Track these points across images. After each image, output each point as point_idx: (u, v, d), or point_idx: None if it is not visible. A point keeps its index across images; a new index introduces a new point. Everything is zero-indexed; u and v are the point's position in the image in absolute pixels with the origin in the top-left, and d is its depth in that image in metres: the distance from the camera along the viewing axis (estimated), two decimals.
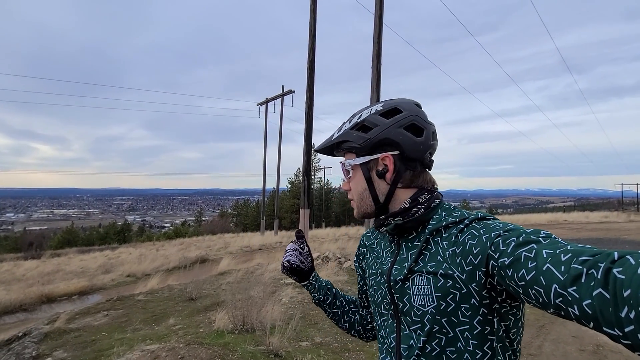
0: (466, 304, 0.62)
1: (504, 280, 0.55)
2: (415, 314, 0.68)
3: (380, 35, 7.99)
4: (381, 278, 0.78)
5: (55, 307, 7.89)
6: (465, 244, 0.62)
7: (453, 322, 0.64)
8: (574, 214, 22.08)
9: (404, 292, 0.70)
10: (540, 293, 0.48)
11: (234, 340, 3.35)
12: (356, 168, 0.79)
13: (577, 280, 0.43)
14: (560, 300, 0.45)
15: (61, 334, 4.62)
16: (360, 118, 0.79)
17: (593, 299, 0.41)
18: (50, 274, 13.17)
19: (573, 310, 0.44)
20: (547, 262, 0.47)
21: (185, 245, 20.72)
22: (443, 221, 0.69)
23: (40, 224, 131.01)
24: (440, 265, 0.66)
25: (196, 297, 6.20)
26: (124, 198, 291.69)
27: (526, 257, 0.51)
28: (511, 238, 0.55)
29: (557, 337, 3.68)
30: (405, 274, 0.70)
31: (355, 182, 0.80)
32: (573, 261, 0.45)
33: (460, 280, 0.62)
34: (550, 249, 0.49)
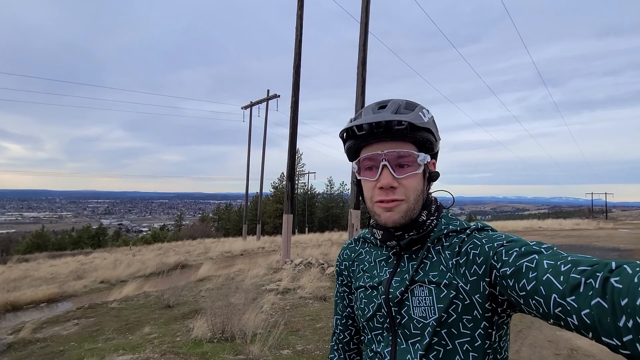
0: (469, 316, 0.61)
1: (506, 290, 0.55)
2: (415, 327, 0.65)
3: (365, 43, 8.09)
4: (374, 291, 0.72)
5: (21, 316, 7.44)
6: (468, 254, 0.62)
7: (453, 334, 0.62)
8: (548, 221, 22.99)
9: (402, 304, 0.67)
10: (541, 303, 0.48)
11: (212, 350, 3.24)
12: (420, 165, 0.68)
13: (575, 289, 0.43)
14: (560, 310, 0.45)
15: (26, 345, 4.35)
16: (430, 114, 0.71)
17: (591, 308, 0.41)
18: (16, 280, 12.45)
19: (572, 320, 0.43)
20: (548, 272, 0.48)
21: (163, 250, 20.11)
22: (444, 229, 0.68)
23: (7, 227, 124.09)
24: (443, 275, 0.64)
25: (174, 304, 5.99)
26: (100, 201, 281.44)
27: (527, 267, 0.51)
28: (514, 249, 0.55)
29: (534, 342, 3.76)
30: (407, 286, 0.67)
31: (417, 180, 0.68)
32: (572, 271, 0.46)
33: (464, 291, 0.61)
34: (551, 259, 0.49)
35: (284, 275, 7.34)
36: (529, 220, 24.08)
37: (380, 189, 0.67)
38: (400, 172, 0.66)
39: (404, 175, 0.66)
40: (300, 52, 9.43)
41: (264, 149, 21.96)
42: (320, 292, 5.86)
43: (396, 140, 0.66)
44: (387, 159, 0.66)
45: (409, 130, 0.65)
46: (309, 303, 5.42)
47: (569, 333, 3.95)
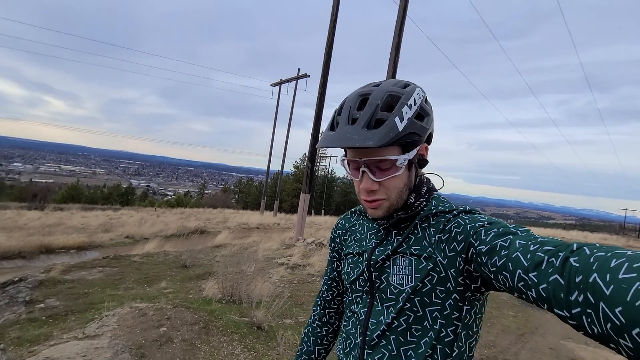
0: (442, 287, 0.66)
1: (480, 266, 0.59)
2: (392, 292, 0.70)
3: (402, 27, 7.82)
4: (360, 257, 0.79)
5: (53, 258, 8.11)
6: (451, 232, 0.66)
7: (425, 302, 0.67)
8: (573, 233, 21.96)
9: (383, 270, 0.73)
10: (507, 278, 0.52)
11: (220, 309, 3.45)
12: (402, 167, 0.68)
13: (538, 266, 0.48)
14: (522, 284, 0.49)
15: (55, 284, 4.77)
16: (416, 104, 0.68)
17: (549, 283, 0.45)
18: (51, 226, 13.47)
19: (531, 294, 0.48)
20: (518, 251, 0.52)
21: (185, 215, 21.00)
22: (433, 209, 0.72)
23: (46, 177, 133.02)
24: (424, 249, 0.69)
25: (190, 265, 6.34)
26: (131, 162, 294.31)
27: (501, 246, 0.55)
28: (493, 229, 0.59)
29: (535, 347, 3.74)
30: (388, 254, 0.72)
31: (398, 179, 0.69)
32: (538, 250, 0.50)
33: (441, 265, 0.66)
34: (524, 240, 0.53)
35: (295, 251, 7.55)
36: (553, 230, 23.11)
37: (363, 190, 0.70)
38: (381, 175, 0.68)
39: (383, 179, 0.68)
40: (334, 32, 9.26)
41: (289, 128, 22.05)
42: None
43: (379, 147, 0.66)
44: (366, 165, 0.68)
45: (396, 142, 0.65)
46: (316, 280, 5.58)
47: (572, 343, 3.89)
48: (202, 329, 2.81)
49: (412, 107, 0.67)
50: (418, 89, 0.71)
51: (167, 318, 2.88)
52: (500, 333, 4.09)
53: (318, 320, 0.97)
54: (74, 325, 3.23)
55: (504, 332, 4.12)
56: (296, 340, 2.92)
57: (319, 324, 0.97)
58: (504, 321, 4.52)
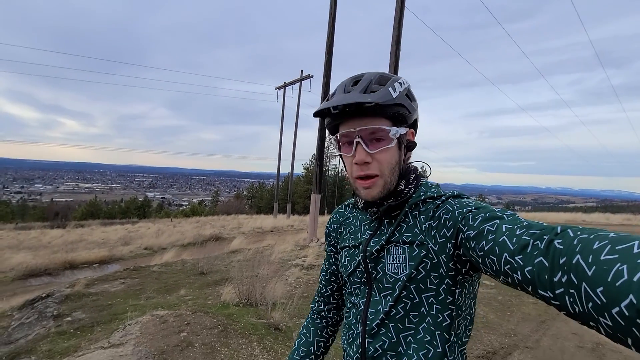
0: (435, 273, 0.68)
1: (468, 251, 0.60)
2: (388, 281, 0.73)
3: (401, 20, 7.78)
4: (356, 250, 0.81)
5: (76, 273, 8.39)
6: (440, 218, 0.67)
7: (420, 289, 0.69)
8: (594, 215, 21.28)
9: (379, 261, 0.75)
10: (494, 261, 0.53)
11: (238, 312, 3.52)
12: (393, 139, 0.71)
13: (523, 249, 0.49)
14: (508, 267, 0.50)
15: (80, 297, 4.95)
16: (404, 85, 0.73)
17: (534, 265, 0.46)
18: (73, 242, 13.93)
19: (517, 276, 0.49)
20: (504, 235, 0.53)
21: (200, 223, 21.36)
22: (422, 196, 0.74)
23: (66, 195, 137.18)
24: (416, 236, 0.71)
25: (207, 271, 6.47)
26: (145, 175, 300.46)
27: (488, 231, 0.56)
28: (480, 214, 0.61)
29: (557, 333, 3.68)
30: (382, 245, 0.74)
31: (390, 154, 0.71)
32: (524, 234, 0.50)
33: (433, 251, 0.68)
34: (510, 224, 0.54)
35: (310, 252, 7.60)
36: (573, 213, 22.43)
37: (356, 165, 0.72)
38: (374, 147, 0.71)
39: (377, 150, 0.70)
40: (333, 31, 9.28)
41: (296, 130, 22.16)
42: None
43: (369, 117, 0.70)
44: (360, 136, 0.70)
45: (379, 107, 0.68)
46: None
47: None
48: (221, 333, 2.88)
49: (402, 84, 0.73)
50: (401, 79, 0.75)
51: (187, 324, 2.96)
52: (521, 321, 4.03)
53: (317, 315, 0.97)
54: (100, 335, 3.36)
55: (524, 320, 4.06)
56: None
57: (317, 317, 0.97)
58: (524, 309, 4.46)
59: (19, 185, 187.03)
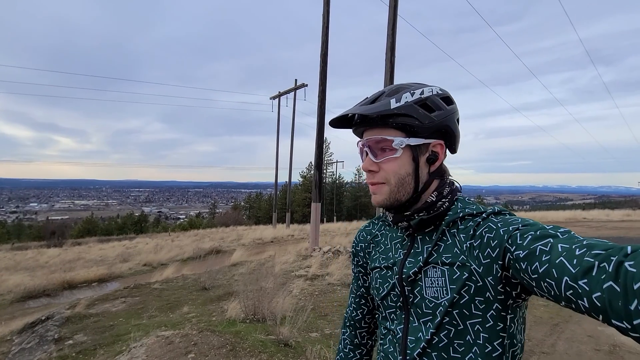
0: (481, 297, 0.62)
1: (519, 273, 0.54)
2: (427, 306, 0.67)
3: (394, 27, 7.85)
4: (388, 271, 0.75)
5: (76, 293, 8.22)
6: (483, 237, 0.62)
7: (465, 315, 0.63)
8: (593, 212, 21.33)
9: (416, 284, 0.69)
10: (552, 285, 0.48)
11: (245, 329, 3.42)
12: (406, 149, 0.70)
13: (588, 272, 0.43)
14: (571, 292, 0.45)
15: (81, 319, 4.82)
16: (423, 95, 0.70)
17: (603, 291, 0.41)
18: (71, 261, 13.71)
19: (583, 303, 0.44)
20: (561, 255, 0.47)
21: (199, 236, 21.16)
22: (460, 212, 0.68)
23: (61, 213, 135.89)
24: (456, 257, 0.65)
25: (209, 286, 6.35)
26: (141, 190, 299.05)
27: (541, 251, 0.51)
28: (529, 232, 0.55)
29: (572, 336, 3.61)
30: (420, 267, 0.69)
31: (399, 163, 0.70)
32: (586, 255, 0.45)
33: (477, 273, 0.62)
34: (566, 243, 0.49)
35: (313, 262, 7.51)
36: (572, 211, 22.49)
37: (365, 172, 0.74)
38: (380, 156, 0.71)
39: (381, 160, 0.71)
40: (327, 40, 9.34)
41: (292, 139, 22.17)
42: (348, 279, 5.94)
43: (377, 127, 0.71)
44: (367, 145, 0.72)
45: (381, 118, 0.69)
46: (337, 289, 5.52)
47: (611, 329, 3.75)
48: (230, 352, 2.79)
49: (415, 94, 0.70)
50: (433, 87, 0.73)
51: (193, 344, 2.87)
52: (533, 325, 3.96)
53: (350, 344, 0.91)
54: (103, 359, 3.25)
55: (537, 324, 3.99)
56: (325, 354, 2.87)
57: (351, 347, 0.91)
58: (535, 312, 4.39)
59: (14, 204, 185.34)
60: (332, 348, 3.03)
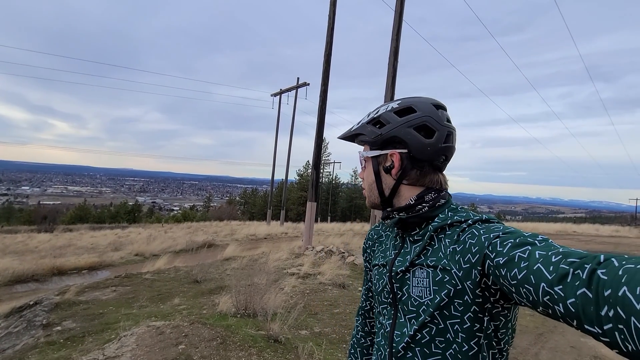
0: (459, 300, 0.65)
1: (498, 279, 0.57)
2: (412, 304, 0.72)
3: (399, 32, 7.90)
4: (384, 269, 0.81)
5: (65, 280, 8.17)
6: (465, 243, 0.65)
7: (445, 315, 0.67)
8: (584, 226, 21.60)
9: (404, 282, 0.74)
10: (530, 291, 0.50)
11: (236, 324, 3.45)
12: (368, 160, 0.84)
13: (563, 279, 0.46)
14: (548, 298, 0.47)
15: (71, 305, 4.81)
16: (377, 113, 0.82)
17: (577, 297, 0.43)
18: (62, 247, 13.59)
19: (559, 308, 0.46)
20: (539, 262, 0.50)
21: (192, 229, 21.08)
22: (448, 219, 0.72)
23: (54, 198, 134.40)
24: (440, 260, 0.69)
25: (201, 279, 6.36)
26: (136, 179, 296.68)
27: (520, 257, 0.53)
28: (509, 240, 0.58)
29: (555, 346, 3.68)
30: (407, 266, 0.74)
31: (367, 173, 0.85)
32: (562, 262, 0.48)
33: (457, 277, 0.65)
34: (543, 250, 0.52)
35: (306, 260, 7.54)
36: (563, 224, 22.74)
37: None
38: (362, 168, 0.89)
39: (362, 170, 0.89)
40: (331, 41, 9.37)
41: (291, 137, 22.17)
42: (340, 279, 5.98)
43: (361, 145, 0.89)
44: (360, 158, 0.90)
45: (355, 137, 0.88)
46: (328, 289, 5.56)
47: (593, 340, 3.83)
48: (220, 345, 2.81)
49: (371, 115, 0.84)
50: (392, 104, 0.82)
51: (184, 335, 2.89)
52: (519, 333, 4.04)
53: (361, 331, 1.00)
54: (91, 346, 3.25)
55: (522, 332, 4.07)
56: (315, 351, 2.91)
57: (362, 334, 1.00)
58: (521, 321, 4.46)
59: (5, 187, 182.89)
60: (322, 347, 3.07)
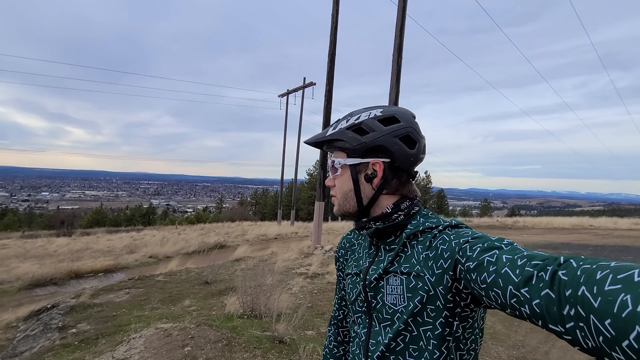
0: (432, 305, 0.66)
1: (469, 283, 0.59)
2: (387, 312, 0.72)
3: (402, 29, 7.82)
4: (357, 277, 0.81)
5: (82, 283, 8.41)
6: (437, 249, 0.66)
7: (418, 322, 0.68)
8: (601, 219, 20.89)
9: (378, 290, 0.74)
10: (499, 294, 0.52)
11: (242, 325, 3.50)
12: (345, 168, 0.79)
13: (528, 281, 0.48)
14: (515, 300, 0.49)
15: (85, 308, 4.96)
16: (358, 120, 0.78)
17: (541, 298, 0.45)
18: (79, 251, 14.00)
19: (525, 310, 0.48)
20: (506, 265, 0.52)
21: (205, 230, 21.39)
22: (420, 226, 0.73)
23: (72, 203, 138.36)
24: (413, 267, 0.69)
25: (211, 281, 6.46)
26: (150, 182, 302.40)
27: (488, 262, 0.55)
28: (478, 244, 0.59)
29: (566, 345, 3.60)
30: (380, 274, 0.74)
31: (342, 181, 0.80)
32: (526, 265, 0.50)
33: (430, 283, 0.66)
34: (510, 254, 0.53)
35: (314, 260, 7.57)
36: (579, 218, 22.05)
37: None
38: (332, 174, 0.84)
39: (333, 177, 0.84)
40: (335, 40, 9.34)
41: (299, 137, 22.22)
42: None
43: (334, 151, 0.84)
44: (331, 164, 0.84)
45: (318, 144, 0.85)
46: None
47: None
48: (225, 347, 2.86)
49: (350, 121, 0.80)
50: (374, 111, 0.79)
51: (191, 337, 2.95)
52: (529, 332, 3.97)
53: (334, 341, 0.99)
54: (104, 348, 3.35)
55: (533, 331, 3.99)
56: (318, 351, 2.92)
57: (335, 344, 0.99)
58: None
59: (26, 193, 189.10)
60: None
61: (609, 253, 9.38)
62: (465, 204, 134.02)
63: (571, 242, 11.49)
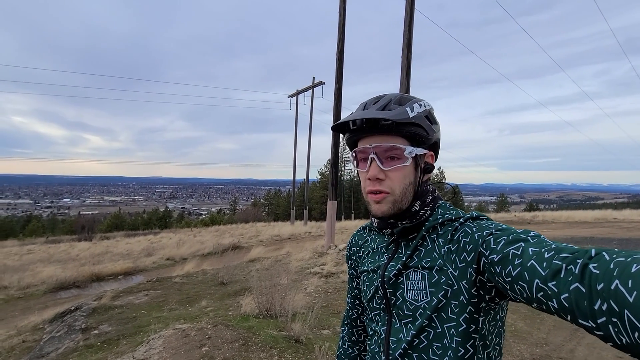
0: (455, 301, 0.64)
1: (493, 276, 0.57)
2: (408, 308, 0.70)
3: (411, 23, 7.72)
4: (374, 274, 0.78)
5: (103, 285, 8.64)
6: (459, 242, 0.64)
7: (442, 318, 0.65)
8: (625, 212, 20.08)
9: (398, 286, 0.72)
10: (525, 288, 0.50)
11: (258, 325, 3.52)
12: (407, 157, 0.71)
13: (556, 275, 0.46)
14: (542, 294, 0.47)
15: (107, 310, 5.08)
16: (424, 107, 0.72)
17: (570, 292, 0.43)
18: (100, 255, 14.41)
19: (552, 304, 0.46)
20: (532, 259, 0.50)
21: (220, 232, 21.67)
22: (439, 219, 0.71)
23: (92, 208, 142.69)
24: (435, 261, 0.67)
25: (227, 281, 6.52)
26: (166, 186, 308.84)
27: (514, 255, 0.53)
28: (502, 237, 0.57)
29: (593, 342, 3.47)
30: (400, 269, 0.72)
31: (404, 173, 0.71)
32: (554, 258, 0.47)
33: (453, 277, 0.64)
34: (536, 247, 0.51)
35: (328, 259, 7.55)
36: (602, 210, 21.26)
37: (369, 180, 0.72)
38: (388, 164, 0.71)
39: (390, 168, 0.70)
40: (343, 38, 9.30)
41: (310, 136, 22.24)
42: None
43: (385, 135, 0.70)
44: (375, 152, 0.71)
45: (395, 125, 0.68)
46: None
47: None
48: (242, 346, 2.88)
49: (422, 106, 0.72)
50: (424, 102, 0.75)
51: (208, 337, 2.98)
52: (552, 329, 3.84)
53: (348, 341, 0.96)
54: (125, 349, 3.43)
55: (557, 328, 3.87)
56: (334, 350, 2.91)
57: (349, 344, 0.96)
58: (556, 316, 4.25)
59: (49, 200, 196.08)
60: None
61: (635, 247, 9.02)
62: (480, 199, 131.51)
63: (594, 236, 11.09)
